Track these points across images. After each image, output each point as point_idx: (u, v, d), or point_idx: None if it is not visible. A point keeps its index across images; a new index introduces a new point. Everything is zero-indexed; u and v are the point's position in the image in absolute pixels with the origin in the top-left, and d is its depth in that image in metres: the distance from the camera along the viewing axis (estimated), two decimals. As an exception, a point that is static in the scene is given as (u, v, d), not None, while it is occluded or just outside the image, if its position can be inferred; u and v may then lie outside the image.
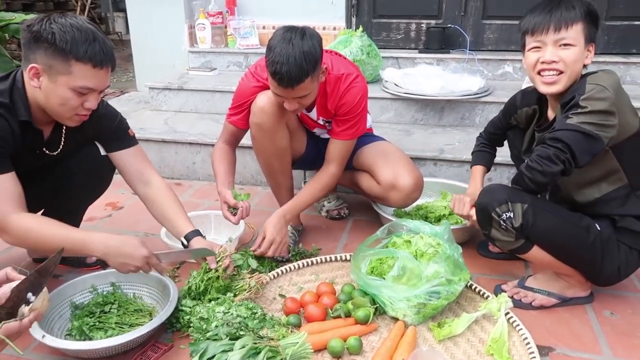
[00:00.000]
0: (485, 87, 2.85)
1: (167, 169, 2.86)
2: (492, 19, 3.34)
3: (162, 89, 3.27)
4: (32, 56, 1.40)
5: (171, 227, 1.73)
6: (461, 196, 1.80)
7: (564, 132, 1.40)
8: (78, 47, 1.38)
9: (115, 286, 1.68)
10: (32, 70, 1.40)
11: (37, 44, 1.38)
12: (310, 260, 1.88)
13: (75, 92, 1.43)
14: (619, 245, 1.53)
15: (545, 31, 1.47)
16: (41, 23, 1.37)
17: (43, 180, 1.69)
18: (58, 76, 1.40)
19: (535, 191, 1.52)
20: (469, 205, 1.74)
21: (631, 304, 1.71)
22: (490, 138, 1.95)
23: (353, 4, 3.47)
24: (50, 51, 1.37)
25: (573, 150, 1.38)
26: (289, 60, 1.58)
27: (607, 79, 1.43)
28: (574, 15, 1.46)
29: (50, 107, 1.47)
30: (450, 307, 1.65)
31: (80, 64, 1.39)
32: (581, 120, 1.38)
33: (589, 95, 1.39)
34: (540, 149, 1.43)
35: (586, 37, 1.48)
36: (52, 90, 1.42)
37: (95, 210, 1.95)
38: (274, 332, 1.43)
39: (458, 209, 1.78)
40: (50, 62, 1.39)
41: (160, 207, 1.73)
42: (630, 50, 3.20)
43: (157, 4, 3.57)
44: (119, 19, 8.04)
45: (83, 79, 1.42)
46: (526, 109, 1.73)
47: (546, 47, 1.49)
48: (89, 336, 1.49)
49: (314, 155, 2.14)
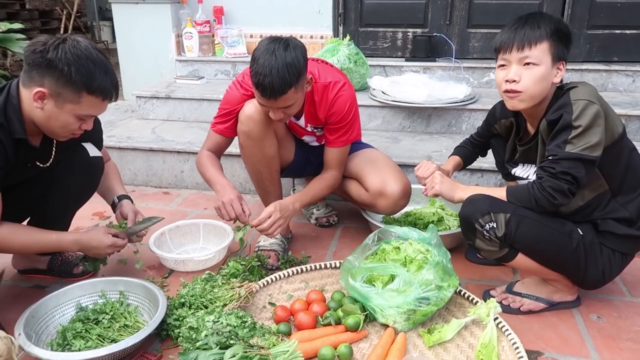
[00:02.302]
0: (471, 95, 2.89)
1: (154, 178, 2.84)
2: (477, 27, 3.40)
3: (149, 98, 3.26)
4: (40, 80, 1.40)
5: (107, 190, 1.86)
6: (429, 162, 1.81)
7: (569, 162, 1.42)
8: (92, 81, 1.41)
9: (123, 295, 1.67)
10: (38, 93, 1.41)
11: (49, 71, 1.39)
12: (299, 268, 1.88)
13: (77, 118, 1.47)
14: (602, 248, 1.55)
15: (509, 50, 1.49)
16: (56, 51, 1.38)
17: (32, 188, 1.67)
18: (65, 103, 1.43)
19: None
20: (431, 170, 1.74)
21: (617, 307, 1.73)
22: (474, 143, 1.99)
23: (340, 13, 3.51)
24: (62, 81, 1.39)
25: (579, 181, 1.43)
26: (272, 72, 1.60)
27: (588, 92, 1.45)
28: (538, 34, 1.46)
29: (48, 128, 1.49)
30: (440, 313, 1.66)
31: (91, 96, 1.43)
32: (582, 146, 1.41)
33: (579, 113, 1.41)
34: (552, 182, 1.43)
35: (553, 56, 1.48)
36: (55, 114, 1.44)
37: (82, 220, 1.93)
38: (265, 341, 1.42)
39: (422, 171, 1.78)
40: (60, 90, 1.41)
41: (104, 178, 1.84)
42: (612, 58, 3.27)
43: (143, 13, 3.57)
44: (105, 27, 8.03)
45: (89, 109, 1.46)
46: (504, 120, 1.77)
47: (511, 65, 1.50)
48: (71, 343, 1.48)
49: (303, 163, 2.15)
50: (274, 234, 1.87)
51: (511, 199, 1.52)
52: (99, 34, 8.06)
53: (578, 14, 3.24)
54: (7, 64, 6.17)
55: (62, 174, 1.68)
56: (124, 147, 2.80)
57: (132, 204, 1.85)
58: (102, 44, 7.75)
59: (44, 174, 1.65)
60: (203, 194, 2.73)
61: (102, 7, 8.22)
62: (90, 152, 1.73)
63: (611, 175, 1.53)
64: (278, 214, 1.84)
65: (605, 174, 1.52)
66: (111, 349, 1.38)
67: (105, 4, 7.62)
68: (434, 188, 1.68)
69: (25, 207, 1.70)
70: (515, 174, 1.73)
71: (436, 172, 1.72)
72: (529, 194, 1.49)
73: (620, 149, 1.52)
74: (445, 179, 1.69)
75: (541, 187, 1.46)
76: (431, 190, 1.69)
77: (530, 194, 1.48)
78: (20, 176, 1.59)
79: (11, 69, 6.03)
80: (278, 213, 1.84)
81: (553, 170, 1.44)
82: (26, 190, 1.65)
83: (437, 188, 1.67)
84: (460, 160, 1.98)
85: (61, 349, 1.47)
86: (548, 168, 1.45)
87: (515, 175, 1.73)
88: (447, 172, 1.89)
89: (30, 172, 1.62)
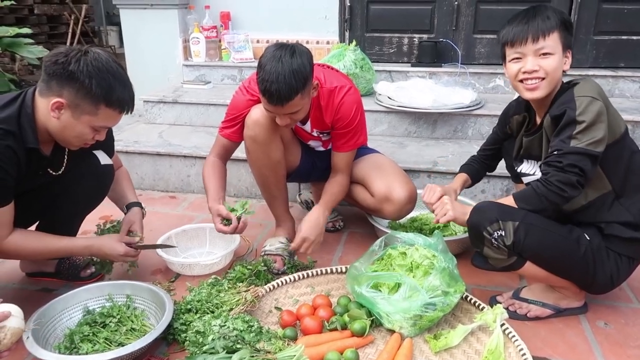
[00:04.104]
0: (477, 100, 2.89)
1: (161, 182, 2.85)
2: (482, 33, 3.40)
3: (156, 102, 3.28)
4: (59, 90, 1.42)
5: (120, 197, 1.88)
6: (433, 185, 1.80)
7: (576, 156, 1.42)
8: (111, 94, 1.43)
9: (130, 299, 1.68)
10: (56, 103, 1.42)
11: (70, 82, 1.40)
12: (305, 272, 1.88)
13: (92, 129, 1.49)
14: (609, 252, 1.55)
15: (524, 42, 1.51)
16: (78, 63, 1.40)
17: (42, 194, 1.68)
18: (82, 115, 1.45)
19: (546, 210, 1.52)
20: (438, 195, 1.73)
21: (624, 314, 1.72)
22: (484, 156, 1.99)
23: (346, 18, 3.52)
24: (82, 93, 1.41)
25: (587, 173, 1.43)
26: (279, 79, 1.61)
27: (591, 89, 1.47)
28: (550, 25, 1.50)
29: (62, 137, 1.51)
30: (446, 319, 1.66)
31: (109, 109, 1.46)
32: (587, 141, 1.41)
33: (583, 109, 1.42)
34: (560, 175, 1.43)
35: (563, 45, 1.52)
36: (71, 125, 1.46)
37: (89, 224, 1.94)
38: (271, 345, 1.43)
39: (428, 197, 1.77)
40: (78, 101, 1.42)
41: (116, 184, 1.86)
42: (619, 64, 3.27)
43: (151, 18, 3.60)
44: (112, 32, 8.08)
45: (105, 120, 1.49)
46: (517, 116, 1.77)
47: (526, 58, 1.52)
48: (78, 346, 1.48)
49: (309, 167, 2.16)
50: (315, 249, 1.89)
51: (520, 204, 1.51)
52: (106, 38, 8.11)
53: (585, 20, 3.23)
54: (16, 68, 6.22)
55: (72, 182, 1.69)
56: (131, 152, 2.81)
57: (139, 212, 1.86)
58: (110, 49, 7.81)
59: (55, 181, 1.66)
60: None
61: (109, 12, 8.29)
62: (101, 160, 1.74)
63: (613, 175, 1.53)
64: (311, 238, 1.84)
65: (607, 173, 1.52)
66: (118, 352, 1.39)
67: (112, 9, 7.68)
68: (446, 214, 1.64)
69: (35, 213, 1.72)
70: (521, 171, 1.74)
71: (444, 197, 1.70)
72: (536, 194, 1.48)
73: (622, 148, 1.53)
74: (455, 204, 1.67)
75: (548, 182, 1.45)
76: (443, 217, 1.65)
77: (538, 194, 1.47)
78: (31, 183, 1.60)
79: (19, 73, 6.08)
80: (312, 237, 1.84)
81: (560, 164, 1.43)
82: (36, 197, 1.66)
83: (450, 214, 1.64)
84: (467, 177, 1.96)
85: (69, 352, 1.48)
86: (554, 163, 1.45)
87: (522, 172, 1.74)
88: (455, 190, 1.88)
89: (41, 179, 1.63)
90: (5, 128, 1.41)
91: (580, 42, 3.25)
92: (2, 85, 3.52)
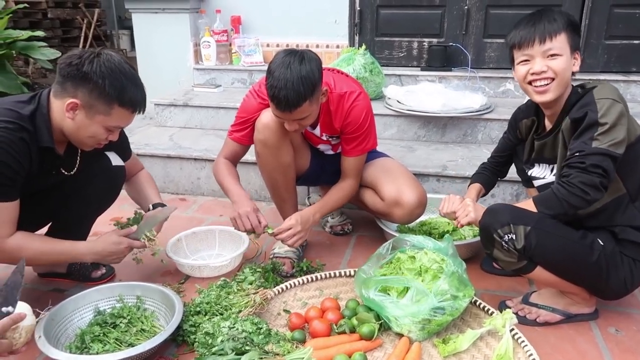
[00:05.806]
0: (487, 105, 2.88)
1: (171, 185, 2.87)
2: (493, 37, 3.39)
3: (167, 105, 3.31)
4: (73, 91, 1.45)
5: (144, 199, 1.88)
6: (452, 195, 1.79)
7: (598, 157, 1.41)
8: (124, 94, 1.47)
9: (140, 300, 1.69)
10: (70, 104, 1.45)
11: (83, 83, 1.44)
12: (314, 275, 1.89)
13: (106, 129, 1.52)
14: (622, 257, 1.54)
15: (532, 44, 1.52)
16: (92, 64, 1.43)
17: (54, 194, 1.71)
18: (96, 115, 1.48)
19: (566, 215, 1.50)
20: (458, 202, 1.72)
21: (636, 321, 1.70)
22: (495, 163, 1.98)
23: (356, 22, 3.53)
24: (96, 93, 1.44)
25: (609, 174, 1.42)
26: (287, 85, 1.62)
27: (611, 91, 1.48)
28: (556, 26, 1.50)
29: (76, 137, 1.54)
30: (455, 323, 1.65)
31: (122, 109, 1.49)
32: (609, 143, 1.41)
33: (605, 111, 1.42)
34: (583, 177, 1.41)
35: (571, 46, 1.52)
36: (85, 125, 1.49)
37: (100, 225, 1.96)
38: (279, 348, 1.43)
39: (448, 205, 1.75)
40: (92, 102, 1.46)
41: (140, 186, 1.90)
42: (630, 68, 3.24)
43: (163, 22, 3.63)
44: (123, 36, 8.16)
45: (118, 120, 1.52)
46: (525, 120, 1.77)
47: (534, 59, 1.53)
48: (89, 346, 1.50)
49: (318, 171, 2.16)
50: (294, 245, 1.89)
51: (541, 208, 1.49)
52: (117, 42, 8.20)
53: (596, 24, 3.21)
54: (29, 71, 6.30)
55: (84, 182, 1.71)
56: (142, 154, 2.83)
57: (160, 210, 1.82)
58: (121, 52, 7.88)
59: (67, 181, 1.68)
60: (219, 201, 2.76)
61: (121, 16, 8.36)
62: (113, 161, 1.76)
63: (628, 178, 1.53)
64: (298, 227, 1.87)
65: (622, 175, 1.51)
66: (129, 352, 1.40)
67: (124, 13, 7.76)
68: (468, 215, 1.64)
69: (47, 213, 1.74)
70: (532, 175, 1.73)
71: (467, 199, 1.71)
72: (556, 198, 1.46)
73: (637, 151, 1.51)
74: (477, 206, 1.68)
75: (570, 184, 1.43)
76: (465, 218, 1.65)
77: (559, 198, 1.45)
78: (44, 183, 1.63)
79: (33, 76, 6.16)
80: (298, 226, 1.87)
81: (582, 164, 1.42)
82: (48, 196, 1.69)
83: (472, 215, 1.64)
84: (481, 187, 1.95)
85: (79, 352, 1.50)
86: (576, 164, 1.44)
87: (533, 176, 1.73)
88: (472, 201, 1.88)
89: (54, 179, 1.65)
90: (20, 124, 1.44)
91: (591, 46, 3.23)
92: (15, 88, 3.58)
